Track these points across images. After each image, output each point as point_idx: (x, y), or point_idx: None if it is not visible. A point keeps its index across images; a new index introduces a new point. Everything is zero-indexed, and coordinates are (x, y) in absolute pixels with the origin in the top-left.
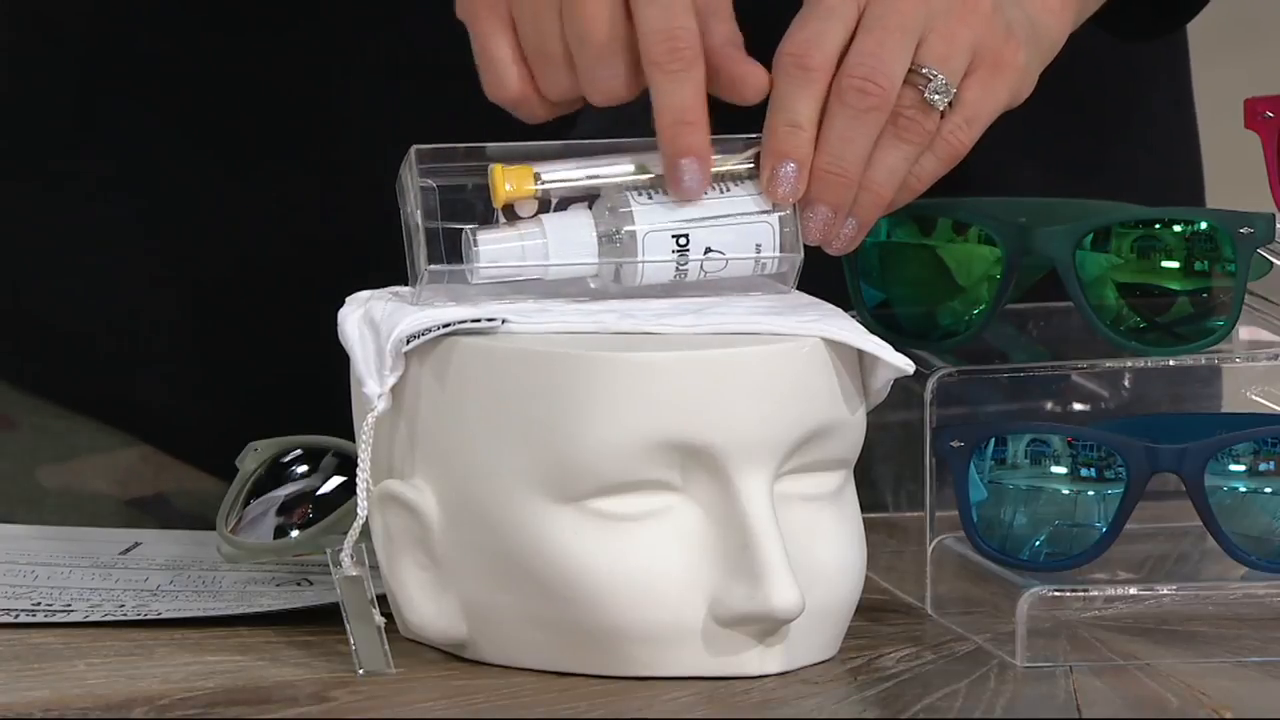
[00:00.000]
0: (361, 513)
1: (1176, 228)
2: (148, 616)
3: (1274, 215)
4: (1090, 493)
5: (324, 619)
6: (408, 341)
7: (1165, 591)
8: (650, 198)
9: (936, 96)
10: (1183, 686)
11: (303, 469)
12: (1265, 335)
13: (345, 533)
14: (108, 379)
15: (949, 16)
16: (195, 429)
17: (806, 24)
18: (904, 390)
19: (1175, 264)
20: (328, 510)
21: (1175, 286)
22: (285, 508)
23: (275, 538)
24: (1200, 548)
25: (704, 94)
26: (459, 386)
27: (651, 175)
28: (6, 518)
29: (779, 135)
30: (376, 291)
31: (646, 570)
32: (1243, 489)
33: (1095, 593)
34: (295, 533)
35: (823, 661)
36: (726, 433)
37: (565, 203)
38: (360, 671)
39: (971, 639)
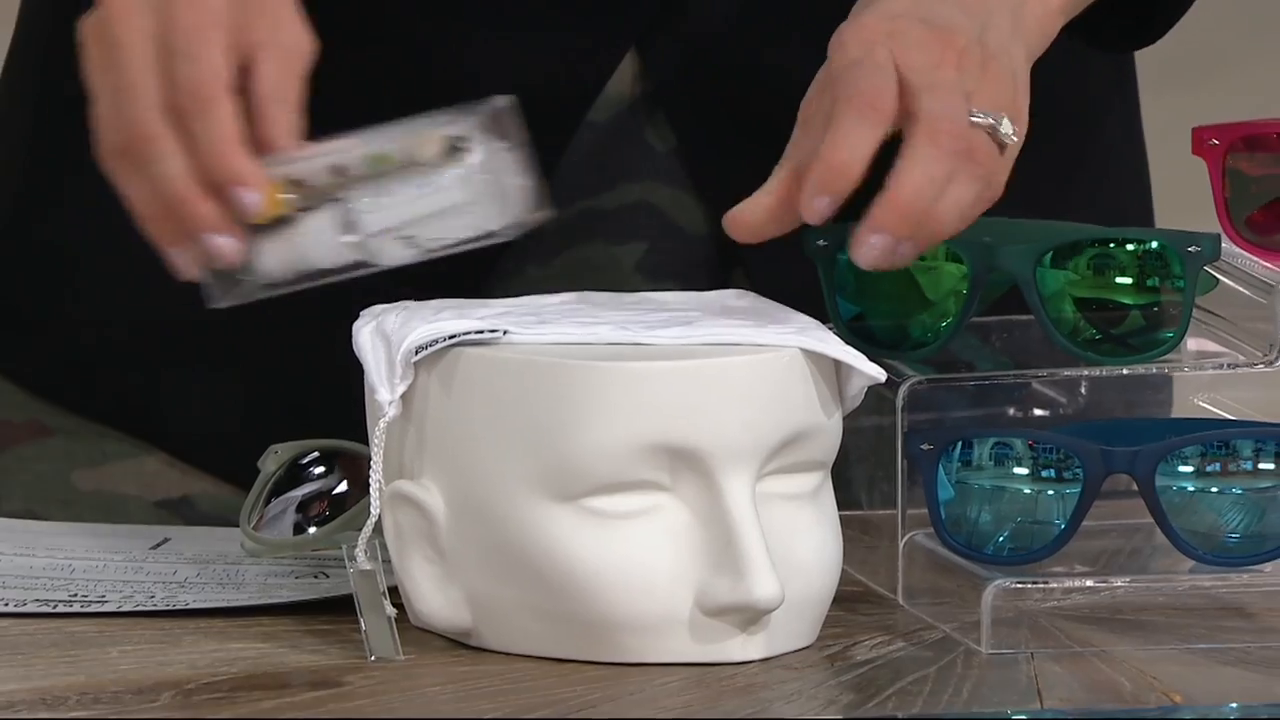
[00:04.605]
0: (374, 511)
1: (1130, 246)
2: (176, 607)
3: (1219, 235)
4: (1050, 492)
5: (339, 609)
6: (416, 352)
7: (1119, 584)
8: (375, 202)
9: (1006, 132)
10: (1136, 672)
11: (320, 470)
12: (1211, 346)
13: (359, 529)
14: (131, 390)
15: (977, 84)
16: (217, 438)
17: (868, 76)
18: (877, 397)
19: (1128, 280)
20: (343, 509)
21: (1128, 301)
22: (303, 506)
23: (294, 534)
24: (1151, 543)
25: (233, 123)
26: (464, 393)
27: (391, 166)
28: (44, 517)
29: (834, 170)
30: (389, 305)
31: (638, 564)
32: (1191, 489)
33: (1054, 585)
34: (313, 529)
35: (802, 649)
36: (712, 437)
37: (331, 196)
38: (372, 658)
39: (940, 628)
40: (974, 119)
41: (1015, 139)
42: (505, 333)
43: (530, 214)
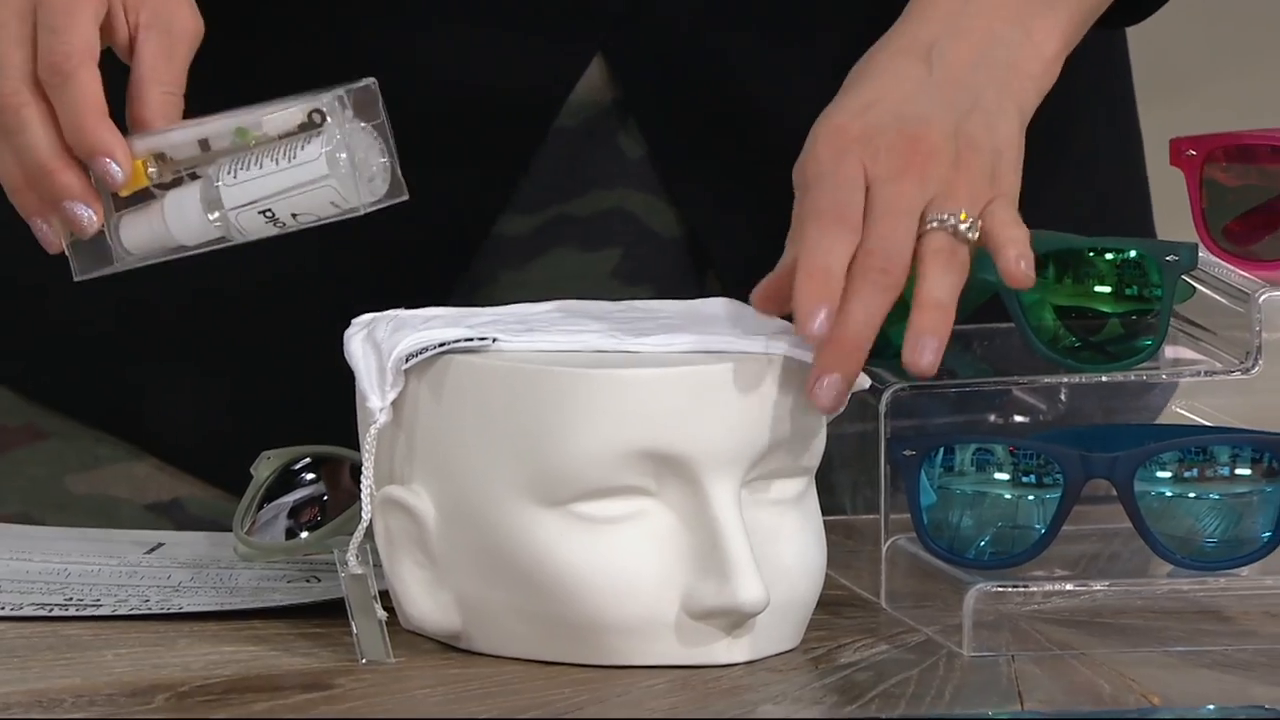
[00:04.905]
0: (365, 516)
1: (1108, 255)
2: (170, 611)
3: (1197, 245)
4: (1030, 497)
5: (331, 613)
6: (407, 360)
7: (1098, 587)
8: (236, 176)
9: (965, 229)
10: (1115, 674)
11: (311, 476)
12: (1188, 354)
13: (350, 534)
14: (123, 395)
15: (946, 186)
16: (207, 444)
17: (835, 190)
18: (861, 404)
19: (1107, 289)
20: (334, 514)
21: (1107, 309)
22: (295, 511)
23: (286, 539)
24: (1130, 547)
25: (97, 93)
26: (454, 400)
27: (253, 140)
28: (39, 520)
29: (816, 280)
30: (379, 314)
31: (624, 568)
32: (1168, 494)
33: (1035, 588)
34: (305, 534)
35: (786, 651)
36: (698, 443)
37: (193, 171)
38: (363, 661)
39: (922, 631)
40: (930, 224)
41: (973, 235)
42: (494, 340)
43: (390, 193)
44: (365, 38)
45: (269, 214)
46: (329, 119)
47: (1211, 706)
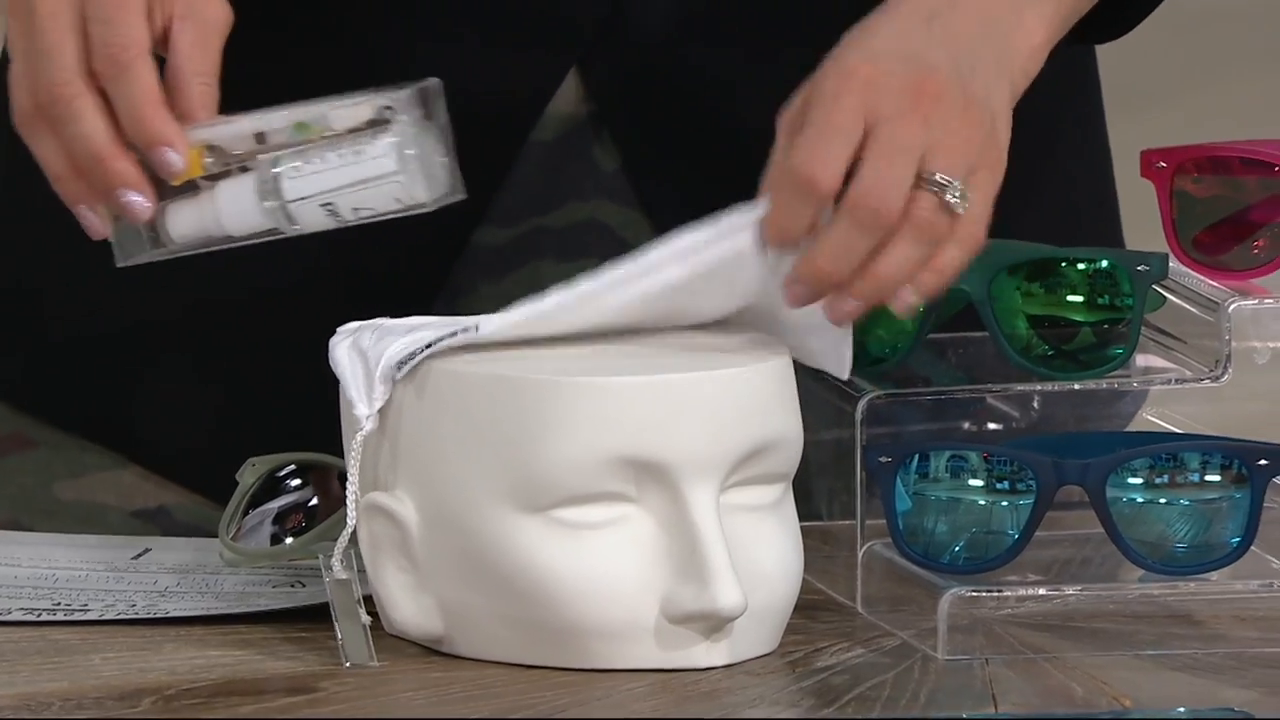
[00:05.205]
0: (350, 521)
1: (1081, 265)
2: (157, 615)
3: (1168, 255)
4: (1004, 503)
5: (315, 617)
6: (399, 367)
7: (1071, 592)
8: (299, 171)
9: (956, 200)
10: (1087, 677)
11: (296, 482)
12: (1159, 362)
13: (335, 540)
14: (109, 404)
15: (948, 133)
16: (192, 452)
17: (817, 143)
18: (837, 411)
19: (1079, 298)
20: (318, 520)
21: (1079, 318)
22: (280, 517)
23: (272, 545)
24: (1102, 552)
25: (154, 84)
26: (436, 408)
27: (315, 134)
28: (27, 527)
29: (775, 240)
30: (363, 323)
31: (605, 573)
32: (1140, 500)
33: (1009, 593)
34: (290, 540)
35: (764, 655)
36: (677, 450)
37: (245, 165)
38: (347, 664)
39: (898, 635)
40: (924, 179)
41: (963, 209)
42: (477, 328)
43: (452, 191)
44: (348, 49)
45: (331, 208)
46: (399, 115)
47: (1182, 709)
